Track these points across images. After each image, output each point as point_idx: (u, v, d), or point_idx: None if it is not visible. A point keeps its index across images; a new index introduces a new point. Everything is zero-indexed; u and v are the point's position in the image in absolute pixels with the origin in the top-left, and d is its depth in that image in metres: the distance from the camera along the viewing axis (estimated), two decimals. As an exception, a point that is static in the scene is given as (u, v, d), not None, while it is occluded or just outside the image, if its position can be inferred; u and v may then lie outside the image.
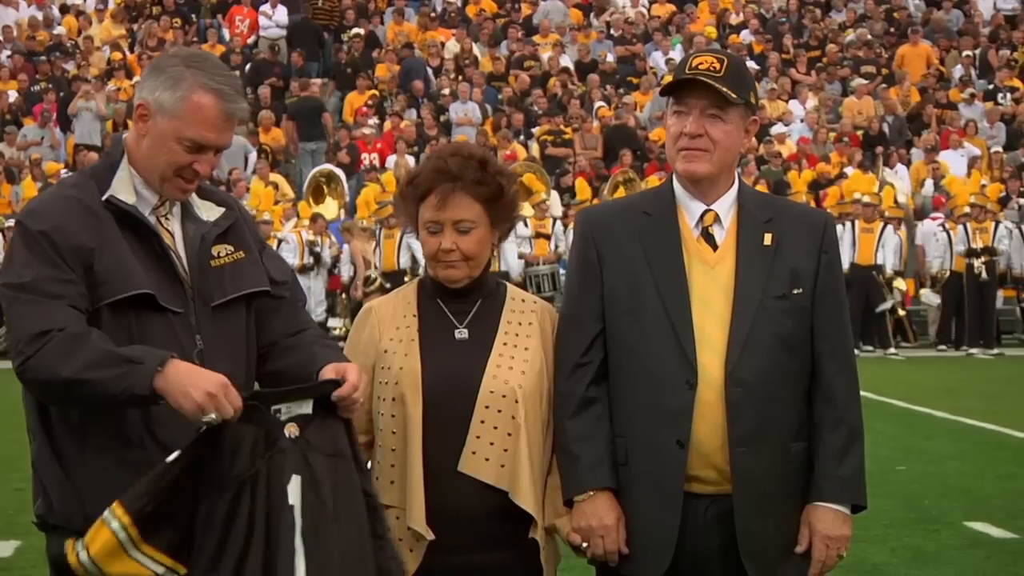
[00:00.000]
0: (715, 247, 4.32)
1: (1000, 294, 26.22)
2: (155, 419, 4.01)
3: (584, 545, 4.25)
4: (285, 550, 3.95)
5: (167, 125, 4.09)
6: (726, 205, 4.35)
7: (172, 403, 3.83)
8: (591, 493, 4.23)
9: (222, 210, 4.25)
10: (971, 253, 24.78)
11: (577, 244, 4.52)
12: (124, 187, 4.13)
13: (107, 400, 3.90)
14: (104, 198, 4.10)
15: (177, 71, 4.12)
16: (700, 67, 4.28)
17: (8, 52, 33.10)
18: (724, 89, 4.23)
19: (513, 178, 4.51)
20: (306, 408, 4.02)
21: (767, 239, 4.28)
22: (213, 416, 3.84)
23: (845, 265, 14.58)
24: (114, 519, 3.92)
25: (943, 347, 25.44)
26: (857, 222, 25.17)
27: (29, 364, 3.93)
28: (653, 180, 27.21)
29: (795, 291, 4.25)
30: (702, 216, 4.33)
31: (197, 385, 3.82)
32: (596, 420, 4.30)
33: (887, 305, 25.11)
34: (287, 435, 3.99)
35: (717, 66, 4.27)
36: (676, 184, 4.38)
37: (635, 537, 4.34)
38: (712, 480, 4.23)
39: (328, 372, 4.03)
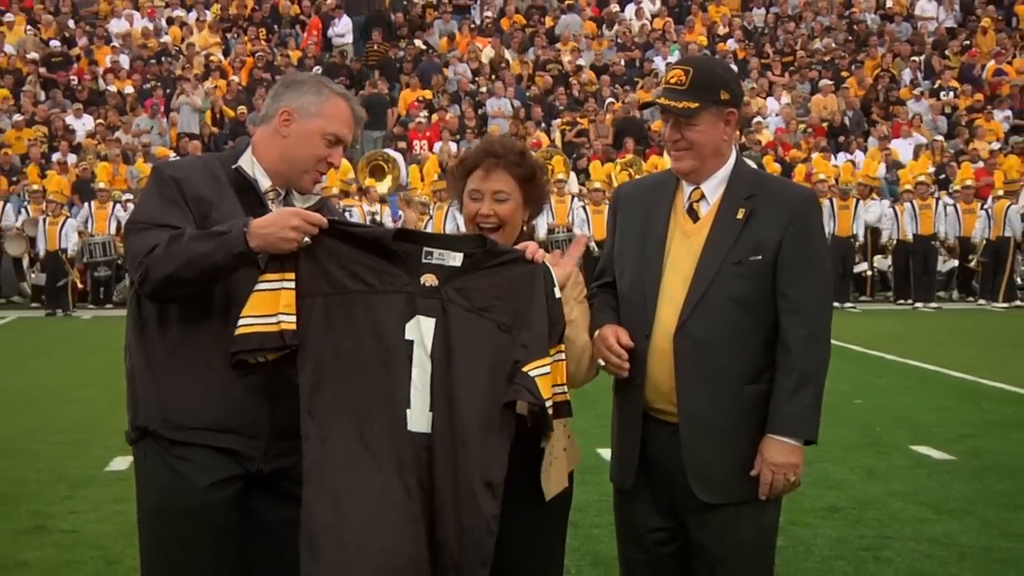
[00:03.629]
0: (696, 220, 4.30)
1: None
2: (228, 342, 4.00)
3: (601, 363, 4.25)
4: (401, 380, 3.92)
5: (311, 124, 4.18)
6: (713, 185, 4.31)
7: (271, 250, 3.87)
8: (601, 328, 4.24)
9: (313, 199, 4.29)
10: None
11: (608, 211, 4.62)
12: (247, 166, 4.21)
13: (217, 269, 3.91)
14: (233, 167, 4.18)
15: (315, 83, 4.28)
16: (670, 81, 4.29)
17: (126, 56, 33.17)
18: (680, 105, 4.21)
19: (544, 170, 4.56)
20: (455, 260, 3.97)
21: (740, 213, 4.23)
22: (307, 239, 3.87)
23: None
24: (262, 283, 3.93)
25: (903, 301, 25.45)
26: (835, 200, 25.19)
27: (148, 275, 3.95)
28: (654, 160, 27.31)
29: (753, 258, 4.18)
30: (691, 194, 4.32)
31: (280, 224, 3.86)
32: (604, 303, 4.37)
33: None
34: (422, 282, 3.95)
35: (683, 79, 4.24)
36: None
37: (614, 453, 4.45)
38: (671, 412, 4.23)
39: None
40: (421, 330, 3.95)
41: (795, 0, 37.27)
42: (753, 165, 4.92)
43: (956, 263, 26.59)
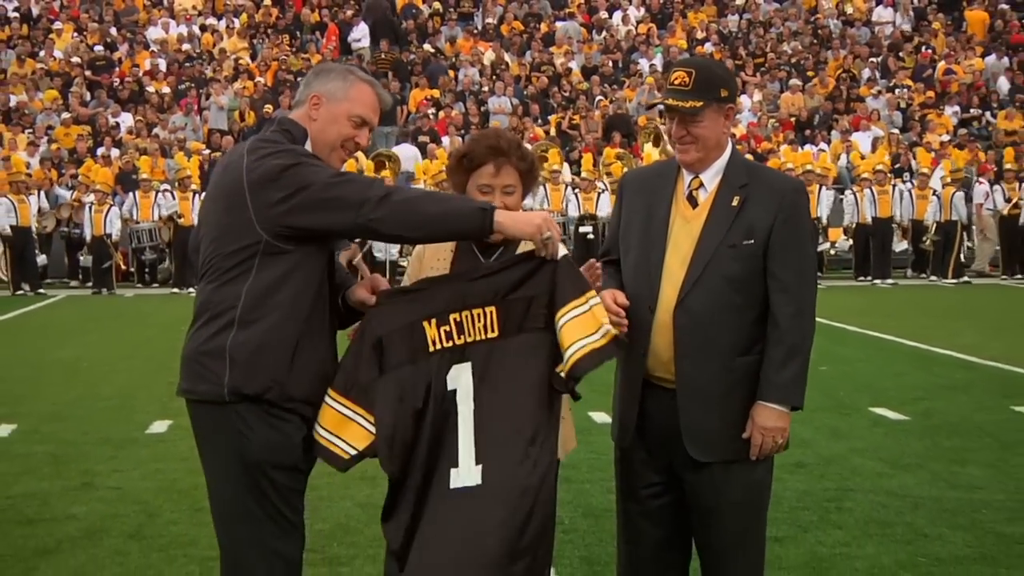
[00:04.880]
0: (695, 206, 4.27)
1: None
2: (322, 324, 4.06)
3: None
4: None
5: (338, 107, 4.14)
6: (711, 174, 4.28)
7: (514, 233, 3.96)
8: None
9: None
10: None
11: (616, 195, 4.60)
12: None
13: (460, 224, 3.96)
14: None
15: (343, 71, 4.24)
16: (674, 82, 4.24)
17: (163, 60, 33.11)
18: (687, 105, 4.19)
19: (538, 160, 4.62)
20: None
21: (735, 201, 4.21)
22: (549, 234, 3.93)
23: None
24: (332, 400, 4.01)
25: (863, 278, 25.45)
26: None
27: (383, 221, 3.89)
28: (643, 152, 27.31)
29: (746, 242, 4.17)
30: (691, 183, 4.30)
31: (529, 219, 3.97)
32: (609, 275, 4.36)
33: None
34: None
35: (687, 80, 4.20)
36: None
37: (615, 414, 4.42)
38: (670, 380, 4.21)
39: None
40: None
41: (766, 7, 37.17)
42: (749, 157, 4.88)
43: (907, 244, 26.66)
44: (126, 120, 30.22)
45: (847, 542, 6.64)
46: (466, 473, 3.96)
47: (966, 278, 25.15)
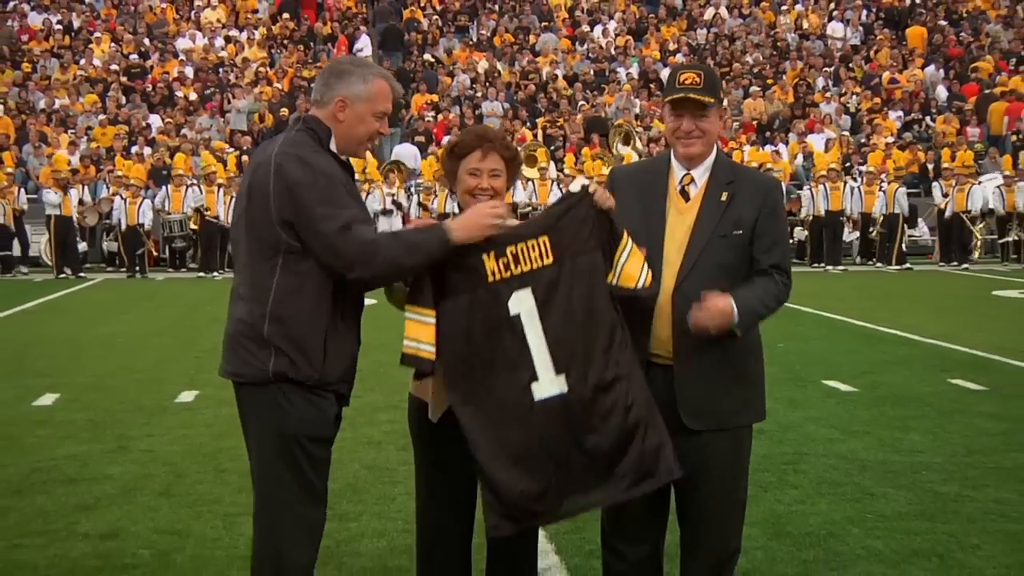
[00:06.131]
0: (687, 199, 4.24)
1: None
2: (349, 312, 4.00)
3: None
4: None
5: (364, 108, 4.05)
6: (701, 171, 4.25)
7: (469, 236, 3.89)
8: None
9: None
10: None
11: (607, 189, 4.50)
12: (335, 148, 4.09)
13: (429, 256, 3.89)
14: (333, 151, 4.05)
15: (360, 71, 4.10)
16: (687, 83, 4.19)
17: (190, 68, 32.98)
18: (706, 99, 4.17)
19: (520, 153, 4.57)
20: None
21: (724, 196, 4.19)
22: (500, 221, 3.92)
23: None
24: (410, 312, 3.95)
25: (817, 265, 25.47)
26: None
27: (375, 262, 3.83)
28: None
29: (735, 232, 4.16)
30: (682, 178, 4.26)
31: (477, 224, 3.91)
32: None
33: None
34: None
35: (699, 81, 4.17)
36: (672, 156, 4.30)
37: None
38: (667, 356, 4.17)
39: None
40: (522, 303, 3.93)
41: (731, 22, 37.09)
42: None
43: (858, 234, 26.69)
44: (156, 121, 30.12)
45: (802, 500, 6.65)
46: (548, 384, 3.88)
47: (908, 265, 25.19)
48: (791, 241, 25.91)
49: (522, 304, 3.93)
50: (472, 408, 3.91)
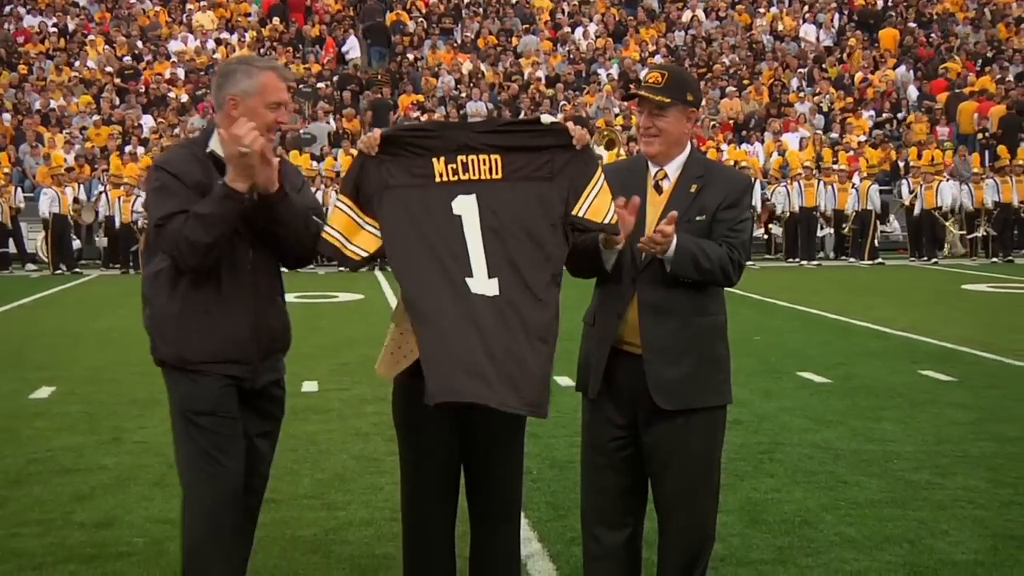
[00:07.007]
0: (660, 192, 4.27)
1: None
2: (224, 295, 4.13)
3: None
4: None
5: (253, 102, 4.11)
6: (674, 167, 4.28)
7: (243, 174, 3.95)
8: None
9: None
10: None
11: None
12: (217, 148, 4.13)
13: (224, 220, 3.98)
14: (208, 151, 4.15)
15: (245, 67, 4.19)
16: (648, 80, 4.25)
17: (182, 70, 32.86)
18: (656, 98, 4.19)
19: None
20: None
21: (693, 188, 4.24)
22: (247, 149, 3.92)
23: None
24: (341, 203, 3.96)
25: (791, 260, 25.53)
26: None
27: (182, 251, 4.01)
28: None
29: (698, 218, 4.19)
30: (656, 174, 4.29)
31: (231, 159, 3.95)
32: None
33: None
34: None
35: (660, 80, 4.21)
36: None
37: (583, 367, 4.35)
38: (636, 344, 4.18)
39: None
40: (464, 206, 3.93)
41: (708, 24, 37.11)
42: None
43: (832, 230, 26.74)
44: (149, 121, 30.00)
45: (778, 488, 6.66)
46: (481, 284, 3.87)
47: (880, 260, 25.26)
48: (761, 237, 26.17)
49: (464, 207, 3.93)
50: (418, 283, 3.89)
